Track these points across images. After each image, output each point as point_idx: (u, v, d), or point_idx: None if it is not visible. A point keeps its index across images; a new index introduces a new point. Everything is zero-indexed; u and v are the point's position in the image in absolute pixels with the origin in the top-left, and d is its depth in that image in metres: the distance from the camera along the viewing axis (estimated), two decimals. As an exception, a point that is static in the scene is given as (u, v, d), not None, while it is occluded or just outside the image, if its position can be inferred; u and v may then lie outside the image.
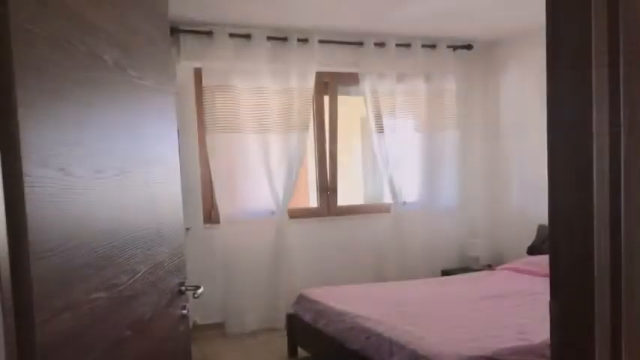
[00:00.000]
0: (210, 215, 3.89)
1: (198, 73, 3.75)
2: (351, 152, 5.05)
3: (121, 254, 0.97)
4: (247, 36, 3.69)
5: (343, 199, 4.27)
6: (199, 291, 1.31)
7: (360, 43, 3.97)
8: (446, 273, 4.14)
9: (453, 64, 4.22)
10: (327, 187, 4.18)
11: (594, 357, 0.74)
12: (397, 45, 4.04)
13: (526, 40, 4.02)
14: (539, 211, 3.73)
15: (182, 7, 3.22)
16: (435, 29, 3.96)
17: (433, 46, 4.15)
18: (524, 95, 4.11)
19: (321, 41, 3.85)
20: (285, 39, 3.77)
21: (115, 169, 0.98)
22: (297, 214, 4.00)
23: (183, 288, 1.29)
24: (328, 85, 4.15)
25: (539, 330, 2.21)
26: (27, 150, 0.69)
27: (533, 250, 3.82)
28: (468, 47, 4.26)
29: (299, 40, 3.78)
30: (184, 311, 1.29)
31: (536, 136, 3.91)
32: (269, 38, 3.73)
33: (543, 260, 3.33)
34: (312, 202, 4.40)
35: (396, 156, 4.12)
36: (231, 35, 3.65)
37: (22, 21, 0.70)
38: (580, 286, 0.78)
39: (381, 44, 4.01)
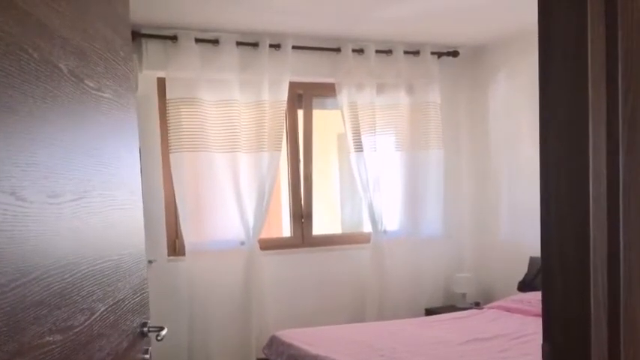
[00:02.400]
0: (175, 246, 3.85)
1: (161, 84, 3.75)
2: (328, 174, 5.07)
3: (77, 291, 0.97)
4: (215, 41, 3.73)
5: (319, 227, 4.28)
6: (163, 333, 1.31)
7: (337, 50, 4.03)
8: (430, 312, 4.15)
9: (437, 74, 4.29)
10: (302, 214, 4.19)
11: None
12: (377, 51, 4.11)
13: (517, 46, 4.05)
14: (530, 241, 3.80)
15: (144, 7, 3.22)
16: (418, 33, 4.04)
17: (416, 53, 4.23)
18: (515, 109, 4.14)
19: (295, 47, 3.90)
20: (255, 44, 3.82)
21: (72, 194, 0.98)
22: (268, 245, 3.99)
23: (145, 329, 1.29)
24: (302, 97, 4.19)
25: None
26: (-26, 171, 0.68)
27: (524, 286, 3.84)
28: (454, 54, 4.35)
29: (271, 45, 3.84)
30: (147, 356, 1.28)
31: (528, 156, 3.95)
32: (238, 44, 3.77)
33: (535, 298, 3.40)
34: (285, 231, 4.40)
35: (376, 178, 4.15)
36: (198, 40, 3.68)
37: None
38: (575, 326, 0.77)
39: (359, 50, 4.08)
